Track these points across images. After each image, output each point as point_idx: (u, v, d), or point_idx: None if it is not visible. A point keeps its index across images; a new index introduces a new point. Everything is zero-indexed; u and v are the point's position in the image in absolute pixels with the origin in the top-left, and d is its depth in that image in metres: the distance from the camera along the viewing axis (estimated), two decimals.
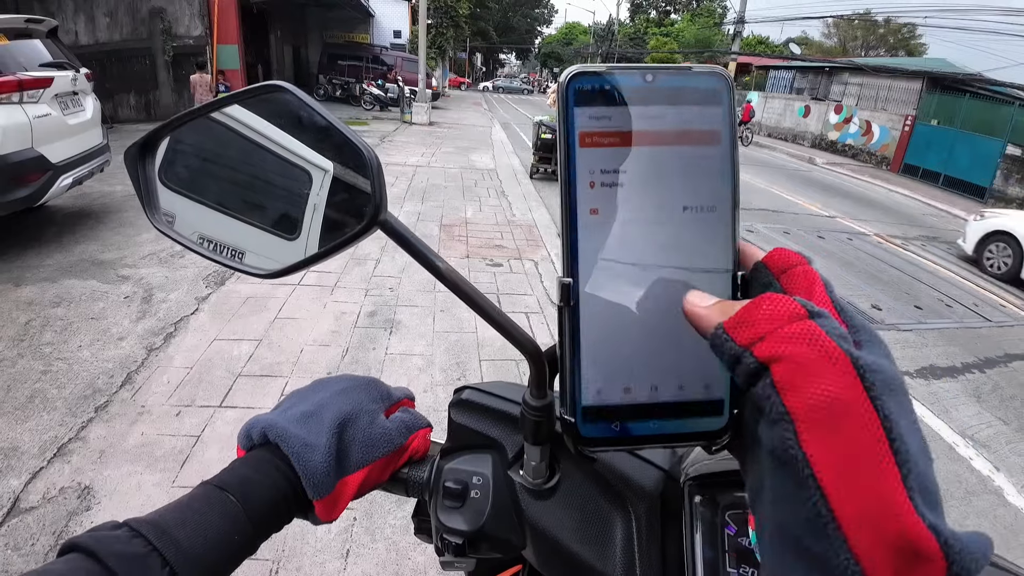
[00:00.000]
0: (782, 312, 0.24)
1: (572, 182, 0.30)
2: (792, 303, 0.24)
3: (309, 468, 0.44)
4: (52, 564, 0.33)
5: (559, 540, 0.46)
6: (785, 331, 0.23)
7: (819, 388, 0.21)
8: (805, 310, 0.23)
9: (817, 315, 0.23)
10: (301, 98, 0.37)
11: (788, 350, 0.22)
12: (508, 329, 0.40)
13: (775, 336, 0.23)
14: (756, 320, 0.24)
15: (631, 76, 0.30)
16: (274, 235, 0.42)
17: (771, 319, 0.23)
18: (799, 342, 0.22)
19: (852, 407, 0.21)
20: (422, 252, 0.37)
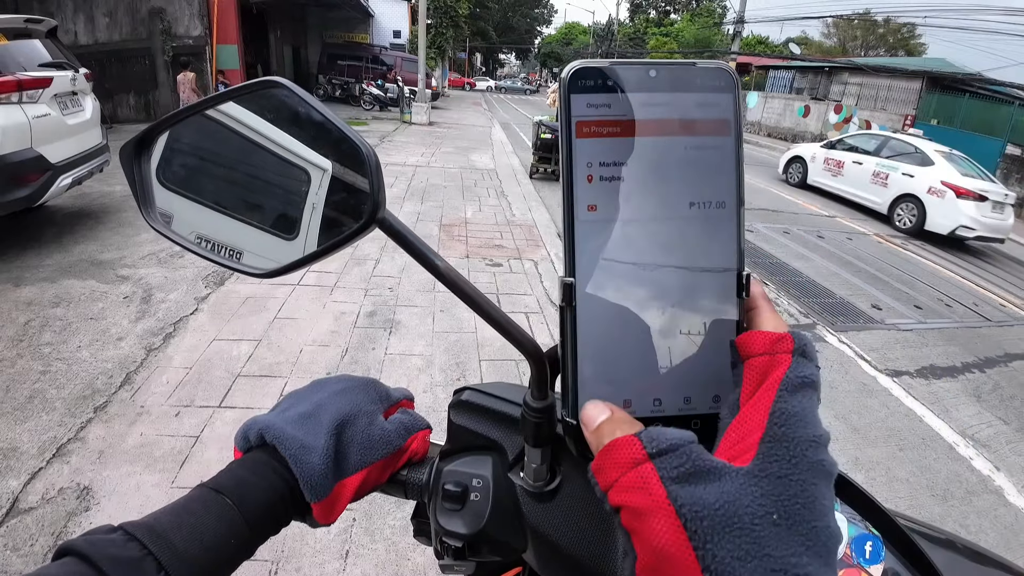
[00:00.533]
0: (625, 458, 0.25)
1: (572, 178, 0.30)
2: (634, 448, 0.25)
3: (307, 470, 0.43)
4: (47, 568, 0.33)
5: (560, 543, 0.45)
6: (626, 479, 0.24)
7: (649, 536, 0.23)
8: (645, 452, 0.24)
9: (658, 455, 0.24)
10: (298, 93, 0.37)
11: (627, 499, 0.24)
12: (508, 329, 0.39)
13: (619, 485, 0.25)
14: (607, 467, 0.25)
15: (635, 71, 0.30)
16: (272, 235, 0.41)
17: (617, 466, 0.25)
18: (635, 491, 0.24)
19: (674, 557, 0.22)
20: (421, 251, 0.36)
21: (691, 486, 0.23)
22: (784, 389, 0.26)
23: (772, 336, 0.28)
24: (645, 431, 0.26)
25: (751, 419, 0.26)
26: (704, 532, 0.22)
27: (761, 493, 0.23)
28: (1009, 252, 8.57)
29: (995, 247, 8.62)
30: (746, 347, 0.29)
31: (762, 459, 0.24)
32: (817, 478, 0.24)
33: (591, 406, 0.30)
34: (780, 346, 0.28)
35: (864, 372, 3.75)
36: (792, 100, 21.30)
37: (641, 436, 0.25)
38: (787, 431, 0.25)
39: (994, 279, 6.69)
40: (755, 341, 0.29)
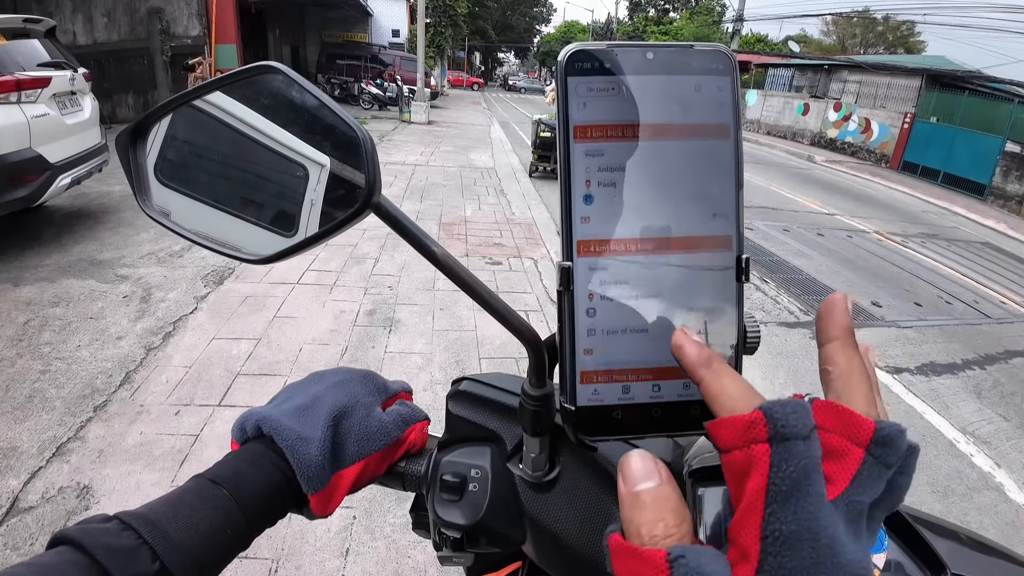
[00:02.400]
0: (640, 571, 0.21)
1: (569, 162, 0.30)
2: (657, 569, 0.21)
3: (303, 461, 0.43)
4: (40, 557, 0.32)
5: (559, 534, 0.45)
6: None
7: None
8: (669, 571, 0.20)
9: None
10: (293, 78, 0.36)
11: None
12: (506, 316, 0.39)
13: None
14: (624, 567, 0.22)
15: (632, 53, 0.30)
16: (270, 231, 0.41)
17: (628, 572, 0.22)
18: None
19: None
20: (417, 236, 0.36)
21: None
22: (772, 500, 0.21)
23: (740, 422, 0.22)
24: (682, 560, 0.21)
25: (743, 537, 0.21)
26: None
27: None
28: (1010, 249, 8.56)
29: (997, 245, 8.62)
30: (716, 438, 0.24)
31: None
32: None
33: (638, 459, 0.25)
34: (752, 434, 0.22)
35: None
36: (791, 98, 21.29)
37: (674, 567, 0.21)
38: (782, 561, 0.20)
39: (994, 276, 6.69)
40: (724, 432, 0.23)
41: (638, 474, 0.24)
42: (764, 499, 0.21)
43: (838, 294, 0.28)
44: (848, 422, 0.23)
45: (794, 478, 0.21)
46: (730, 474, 0.23)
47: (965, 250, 7.90)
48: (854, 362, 0.26)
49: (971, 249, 8.06)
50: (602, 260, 0.30)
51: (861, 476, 0.22)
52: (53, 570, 0.31)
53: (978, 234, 9.31)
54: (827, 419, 0.23)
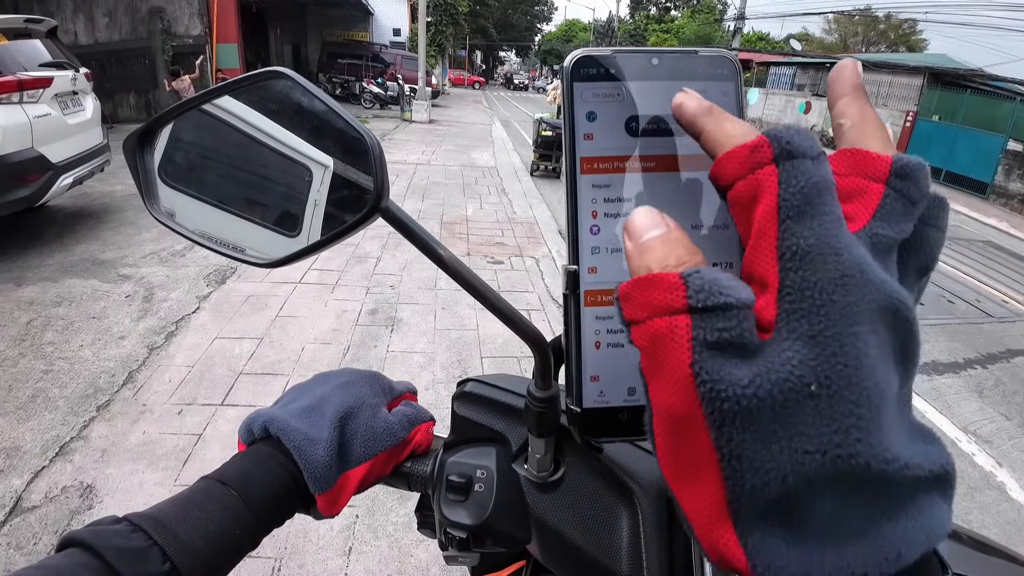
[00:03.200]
0: (660, 301, 0.20)
1: (574, 166, 0.30)
2: (672, 289, 0.20)
3: (311, 462, 0.43)
4: (51, 559, 0.33)
5: (564, 534, 0.45)
6: (653, 325, 0.20)
7: (665, 397, 0.20)
8: (686, 302, 0.19)
9: (701, 310, 0.19)
10: (302, 83, 0.37)
11: (650, 346, 0.20)
12: (512, 318, 0.39)
13: (644, 328, 0.20)
14: (636, 300, 0.21)
15: (637, 59, 0.30)
16: (274, 231, 0.41)
17: (648, 305, 0.20)
18: (660, 342, 0.20)
19: (684, 428, 0.19)
20: (424, 240, 0.36)
21: (724, 359, 0.19)
22: (785, 217, 0.20)
23: (743, 149, 0.21)
24: (696, 275, 0.20)
25: (758, 267, 0.20)
26: (723, 414, 0.18)
27: (795, 361, 0.18)
28: (1012, 248, 8.55)
29: (999, 244, 8.60)
30: (720, 175, 0.22)
31: (785, 319, 0.19)
32: (857, 323, 0.19)
33: (643, 213, 0.23)
34: (757, 157, 0.21)
35: None
36: (793, 96, 21.25)
37: (688, 280, 0.19)
38: (805, 276, 0.19)
39: (996, 275, 6.68)
40: (725, 166, 0.22)
41: (643, 225, 0.22)
42: (776, 218, 0.20)
43: (847, 59, 0.27)
44: (864, 161, 0.22)
45: (806, 194, 0.20)
46: (738, 211, 0.22)
47: (967, 249, 7.89)
48: (866, 112, 0.25)
49: (973, 248, 8.04)
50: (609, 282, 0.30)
51: (883, 210, 0.21)
52: (64, 572, 0.31)
53: (980, 233, 9.29)
54: (842, 165, 0.23)
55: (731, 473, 0.19)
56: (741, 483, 0.19)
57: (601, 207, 0.30)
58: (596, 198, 0.30)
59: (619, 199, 0.30)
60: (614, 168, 0.29)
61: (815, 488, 0.18)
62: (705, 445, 0.19)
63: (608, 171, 0.29)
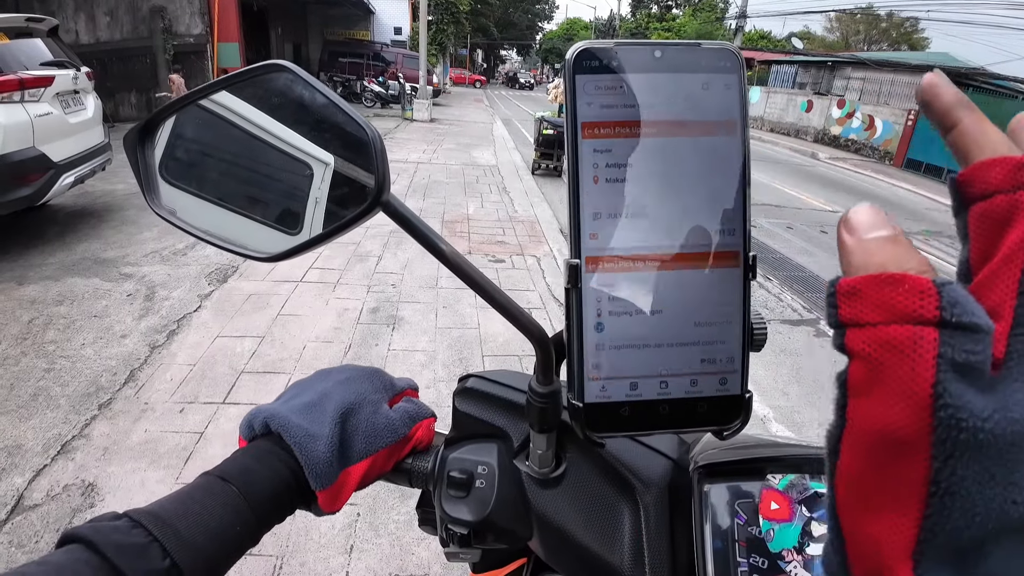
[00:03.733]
0: (905, 305, 0.18)
1: (577, 158, 0.30)
2: (923, 295, 0.17)
3: (312, 458, 0.43)
4: (51, 555, 0.32)
5: (566, 530, 0.45)
6: (888, 331, 0.18)
7: (882, 415, 0.17)
8: (938, 314, 0.17)
9: (954, 326, 0.17)
10: (302, 76, 0.36)
11: (877, 355, 0.18)
12: (514, 313, 0.39)
13: (873, 332, 0.18)
14: (869, 300, 0.18)
15: (639, 51, 0.30)
16: (275, 229, 0.41)
17: (885, 308, 0.18)
18: (894, 352, 0.17)
19: (901, 453, 0.17)
20: (425, 234, 0.36)
21: (967, 385, 0.17)
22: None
23: (1011, 162, 0.20)
24: (950, 286, 0.18)
25: (991, 298, 0.19)
26: (955, 444, 0.17)
27: None
28: None
29: None
30: (976, 181, 0.20)
31: (1017, 359, 0.18)
32: None
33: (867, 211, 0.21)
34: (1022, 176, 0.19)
35: None
36: (795, 95, 21.22)
37: (943, 291, 0.17)
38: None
39: None
40: (987, 173, 0.20)
41: (868, 222, 0.20)
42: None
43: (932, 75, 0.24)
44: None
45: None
46: (983, 226, 0.20)
47: None
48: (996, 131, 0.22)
49: None
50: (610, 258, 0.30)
51: None
52: (64, 569, 0.31)
53: None
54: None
55: (938, 510, 0.17)
56: (944, 523, 0.17)
57: (603, 172, 0.30)
58: (597, 163, 0.30)
59: (621, 164, 0.30)
60: (616, 133, 0.29)
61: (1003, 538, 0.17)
62: (919, 476, 0.17)
63: (610, 136, 0.29)
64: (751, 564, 0.40)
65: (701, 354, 0.31)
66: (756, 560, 0.40)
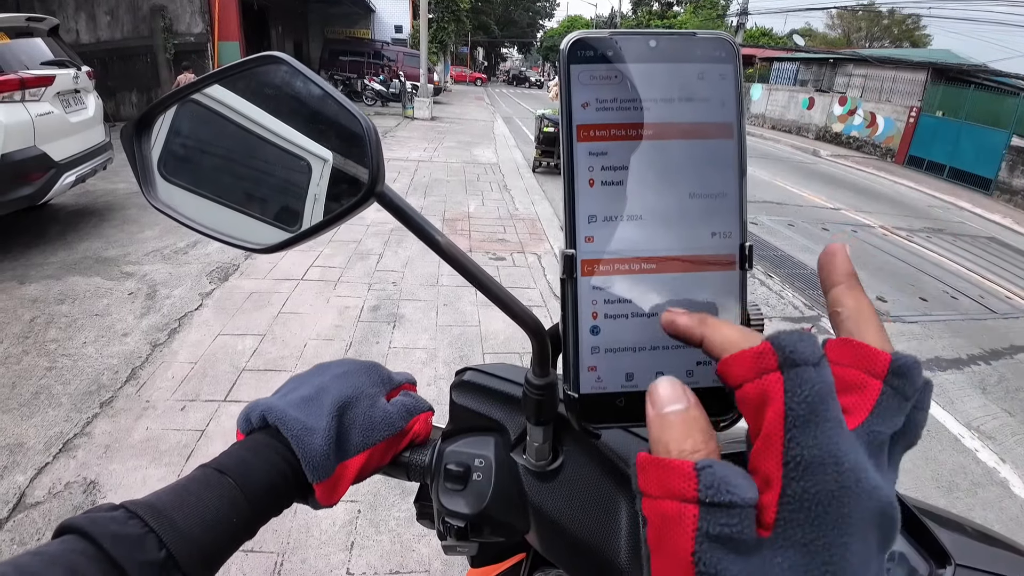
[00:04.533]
0: (672, 485, 0.21)
1: (572, 147, 0.30)
2: (686, 478, 0.21)
3: (309, 451, 0.43)
4: (47, 546, 0.33)
5: (563, 523, 0.45)
6: (663, 505, 0.21)
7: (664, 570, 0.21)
8: (695, 493, 0.20)
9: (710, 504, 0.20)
10: (297, 68, 0.36)
11: (658, 523, 0.21)
12: (509, 305, 0.39)
13: (655, 504, 0.21)
14: (651, 477, 0.22)
15: (635, 41, 0.30)
16: (274, 226, 0.41)
17: (660, 486, 0.21)
18: (668, 522, 0.21)
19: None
20: (420, 226, 0.36)
21: (723, 553, 0.20)
22: (791, 426, 0.21)
23: (749, 354, 0.23)
24: (709, 469, 0.21)
25: (765, 466, 0.21)
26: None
27: (786, 566, 0.20)
28: (1016, 244, 8.51)
29: (1003, 240, 8.56)
30: (727, 375, 0.24)
31: (783, 525, 0.20)
32: (847, 534, 0.20)
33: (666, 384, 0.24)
34: (763, 363, 0.22)
35: None
36: (796, 92, 21.16)
37: (701, 475, 0.21)
38: (805, 485, 0.20)
39: (1000, 271, 6.65)
40: (734, 367, 0.23)
41: (666, 397, 0.24)
42: (783, 425, 0.21)
43: (835, 244, 0.28)
44: (864, 355, 0.23)
45: (810, 403, 0.21)
46: (746, 409, 0.23)
47: (971, 245, 7.86)
48: (862, 302, 0.26)
49: (977, 244, 8.01)
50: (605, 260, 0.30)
51: (880, 407, 0.22)
52: (60, 559, 0.31)
53: (984, 229, 9.25)
54: (843, 355, 0.24)
55: None
56: None
57: (598, 175, 0.30)
58: (593, 166, 0.30)
59: (616, 167, 0.30)
60: (611, 136, 0.29)
61: None
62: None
63: (605, 138, 0.29)
64: None
65: (698, 354, 0.31)
66: None
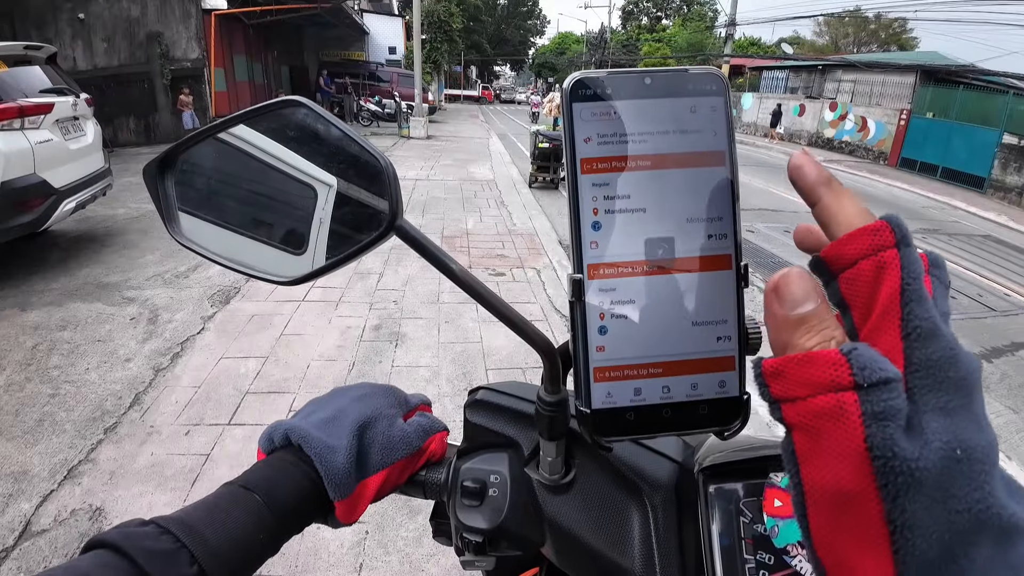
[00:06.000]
0: (824, 378, 0.21)
1: (576, 179, 0.32)
2: (840, 370, 0.20)
3: (331, 469, 0.45)
4: (79, 560, 0.33)
5: (577, 535, 0.46)
6: (815, 403, 0.21)
7: (830, 475, 0.20)
8: (852, 379, 0.20)
9: (868, 387, 0.20)
10: (317, 111, 0.39)
11: (812, 424, 0.21)
12: (521, 327, 0.41)
13: (807, 407, 0.21)
14: (792, 378, 0.21)
15: (631, 79, 0.32)
16: (282, 251, 0.43)
17: (806, 384, 0.21)
18: (827, 420, 0.20)
19: (855, 506, 0.20)
20: (437, 256, 0.38)
21: (892, 430, 0.20)
22: (910, 300, 0.22)
23: (867, 231, 0.23)
24: (856, 352, 0.21)
25: (883, 343, 0.22)
26: (897, 487, 0.19)
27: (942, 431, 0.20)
28: (1012, 241, 8.55)
29: (998, 237, 8.60)
30: (840, 255, 0.24)
31: (917, 393, 0.21)
32: (972, 392, 0.21)
33: (797, 279, 0.24)
34: (880, 240, 0.23)
35: None
36: (787, 100, 21.38)
37: (851, 358, 0.20)
38: (931, 353, 0.21)
39: (997, 269, 6.68)
40: (849, 245, 0.23)
41: (799, 295, 0.23)
42: (900, 300, 0.22)
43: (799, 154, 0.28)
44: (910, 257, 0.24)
45: (920, 280, 0.22)
46: (856, 288, 0.23)
47: (967, 244, 7.90)
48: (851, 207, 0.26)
49: (973, 243, 8.05)
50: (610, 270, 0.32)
51: (936, 292, 0.25)
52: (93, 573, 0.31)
53: (979, 227, 9.30)
54: None
55: (903, 544, 0.20)
56: (912, 552, 0.19)
57: (602, 204, 0.32)
58: (596, 196, 0.32)
59: (617, 196, 0.32)
60: (612, 167, 0.31)
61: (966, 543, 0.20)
62: (876, 520, 0.20)
63: (607, 170, 0.31)
64: (758, 560, 0.41)
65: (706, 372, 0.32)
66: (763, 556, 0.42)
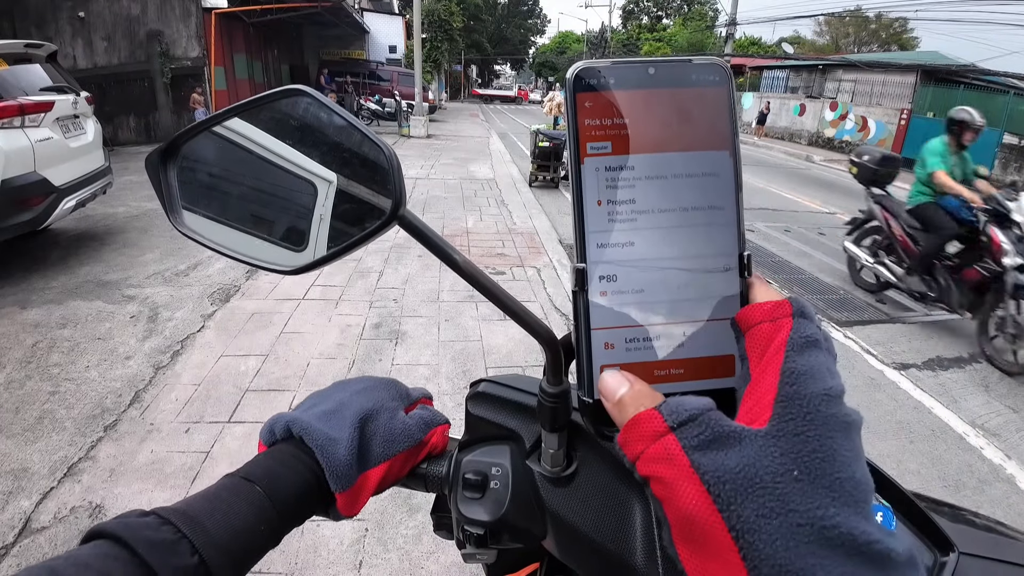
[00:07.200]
0: (648, 431, 0.26)
1: (580, 170, 0.31)
2: (655, 421, 0.26)
3: (332, 460, 0.44)
4: (78, 551, 0.32)
5: (579, 527, 0.46)
6: (651, 452, 0.26)
7: (678, 504, 0.24)
8: (667, 424, 0.26)
9: (679, 426, 0.25)
10: (320, 99, 0.38)
11: (654, 471, 0.25)
12: (524, 317, 0.41)
13: (645, 457, 0.26)
14: (632, 440, 0.27)
15: (634, 69, 0.32)
16: (283, 247, 0.43)
17: (641, 438, 0.26)
18: (660, 462, 0.25)
19: (702, 521, 0.24)
20: (439, 246, 0.38)
21: (712, 452, 0.24)
22: (791, 350, 0.27)
23: (770, 304, 0.29)
24: (665, 403, 0.26)
25: (763, 383, 0.27)
26: (727, 495, 0.23)
27: (780, 452, 0.24)
28: None
29: None
30: (747, 319, 0.30)
31: (777, 419, 0.25)
32: (834, 431, 0.25)
33: (610, 377, 0.30)
34: (779, 311, 0.29)
35: (871, 366, 3.75)
36: (787, 99, 21.38)
37: (662, 409, 0.26)
38: (798, 389, 0.25)
39: None
40: (755, 312, 0.29)
41: (613, 387, 0.30)
42: (784, 349, 0.27)
43: None
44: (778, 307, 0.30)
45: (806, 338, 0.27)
46: (755, 343, 0.29)
47: None
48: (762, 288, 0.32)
49: None
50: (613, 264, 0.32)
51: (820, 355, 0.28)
52: (94, 563, 0.31)
53: None
54: None
55: (747, 548, 0.23)
56: (757, 555, 0.22)
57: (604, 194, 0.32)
58: (599, 186, 0.32)
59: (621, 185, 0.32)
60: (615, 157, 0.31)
61: (816, 556, 0.22)
62: (722, 527, 0.23)
63: (610, 160, 0.31)
64: None
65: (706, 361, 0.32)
66: None
